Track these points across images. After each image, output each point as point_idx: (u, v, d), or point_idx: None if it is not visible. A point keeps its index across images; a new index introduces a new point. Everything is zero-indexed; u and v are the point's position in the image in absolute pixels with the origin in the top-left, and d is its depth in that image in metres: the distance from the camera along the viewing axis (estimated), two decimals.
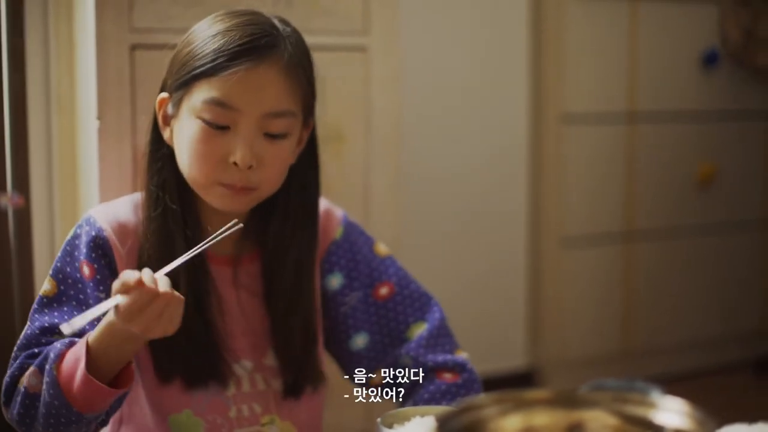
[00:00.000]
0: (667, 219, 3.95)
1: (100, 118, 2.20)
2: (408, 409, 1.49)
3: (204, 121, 1.65)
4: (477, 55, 3.57)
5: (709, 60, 3.93)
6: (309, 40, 2.22)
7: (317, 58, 2.35)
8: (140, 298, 1.42)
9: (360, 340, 1.86)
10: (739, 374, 4.05)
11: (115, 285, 1.43)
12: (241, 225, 1.60)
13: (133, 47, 2.21)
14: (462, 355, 1.88)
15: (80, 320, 1.43)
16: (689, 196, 3.97)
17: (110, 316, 1.48)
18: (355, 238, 1.90)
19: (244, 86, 1.63)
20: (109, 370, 1.52)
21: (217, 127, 1.65)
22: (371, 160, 2.52)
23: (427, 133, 3.46)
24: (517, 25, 3.63)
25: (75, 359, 1.51)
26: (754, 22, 3.96)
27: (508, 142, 3.66)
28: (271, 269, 1.79)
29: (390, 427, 1.45)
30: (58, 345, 1.56)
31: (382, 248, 1.92)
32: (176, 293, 1.47)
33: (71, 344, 1.55)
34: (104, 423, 1.65)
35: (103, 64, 2.20)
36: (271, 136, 1.67)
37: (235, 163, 1.64)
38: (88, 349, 1.50)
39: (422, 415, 1.47)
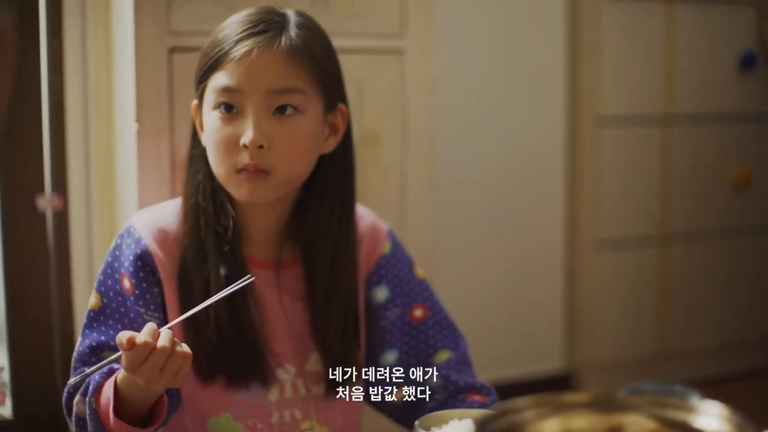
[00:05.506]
0: (702, 222, 3.93)
1: (138, 120, 2.21)
2: (446, 412, 1.49)
3: (216, 109, 1.69)
4: (513, 58, 3.57)
5: (746, 62, 3.91)
6: (345, 43, 2.23)
7: (354, 60, 2.36)
8: (137, 353, 1.44)
9: (390, 357, 1.86)
10: None
11: (117, 340, 1.47)
12: (253, 278, 1.60)
13: (171, 50, 2.22)
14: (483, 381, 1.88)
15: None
16: (725, 198, 3.95)
17: None
18: (400, 255, 1.91)
19: (245, 68, 1.66)
20: (138, 407, 1.56)
21: (228, 110, 1.68)
22: (407, 163, 2.52)
23: (462, 136, 3.46)
24: (552, 28, 3.63)
25: (107, 398, 1.55)
26: None
27: (544, 144, 3.66)
28: (308, 265, 1.80)
29: (428, 429, 1.45)
30: (96, 376, 1.59)
31: (419, 271, 1.93)
32: (180, 348, 1.48)
33: (110, 373, 1.59)
34: None
35: (141, 66, 2.21)
36: (280, 114, 1.68)
37: (245, 146, 1.66)
38: (116, 391, 1.54)
39: (460, 418, 1.47)
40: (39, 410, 2.65)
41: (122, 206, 2.45)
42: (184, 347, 1.49)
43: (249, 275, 1.60)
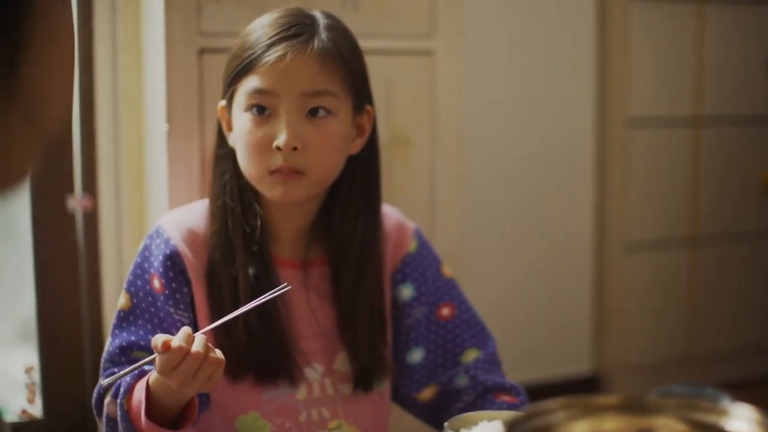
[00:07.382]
0: (732, 224, 3.91)
1: (168, 121, 2.22)
2: (475, 414, 1.49)
3: (248, 111, 1.71)
4: (542, 59, 3.57)
5: None
6: (375, 43, 2.23)
7: (383, 61, 2.36)
8: (172, 357, 1.46)
9: (416, 355, 1.87)
10: None
11: (152, 343, 1.49)
12: (290, 287, 1.62)
13: (201, 51, 2.23)
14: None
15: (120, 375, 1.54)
16: (755, 200, 3.93)
17: None
18: (426, 254, 1.91)
19: (278, 72, 1.68)
20: (169, 409, 1.57)
21: (260, 111, 1.70)
22: (437, 163, 2.52)
23: (491, 137, 3.46)
24: (582, 28, 3.62)
25: (139, 399, 1.57)
26: None
27: (573, 145, 3.65)
28: (334, 265, 1.81)
29: (457, 431, 1.45)
30: (128, 378, 1.61)
31: (447, 270, 1.93)
32: (214, 354, 1.50)
33: (141, 374, 1.60)
34: None
35: (171, 67, 2.22)
36: (313, 116, 1.70)
37: (279, 148, 1.68)
38: (149, 392, 1.55)
39: (489, 420, 1.47)
40: (69, 409, 2.66)
41: (152, 207, 2.46)
42: (218, 353, 1.50)
43: (285, 284, 1.61)
